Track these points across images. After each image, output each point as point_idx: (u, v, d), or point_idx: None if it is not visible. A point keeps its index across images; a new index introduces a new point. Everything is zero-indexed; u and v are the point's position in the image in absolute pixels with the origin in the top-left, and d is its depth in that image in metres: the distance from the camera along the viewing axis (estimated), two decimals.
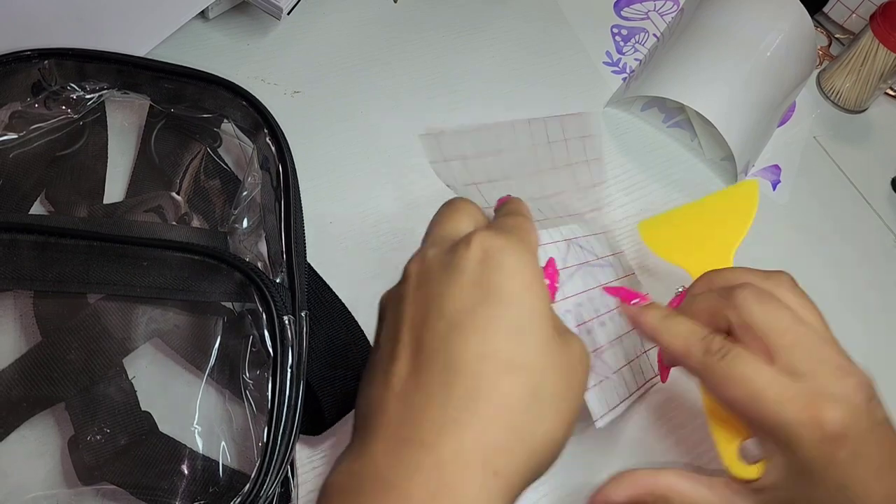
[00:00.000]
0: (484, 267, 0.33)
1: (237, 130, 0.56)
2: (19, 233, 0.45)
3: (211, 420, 0.45)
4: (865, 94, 0.78)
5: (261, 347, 0.45)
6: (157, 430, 0.44)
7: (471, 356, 0.32)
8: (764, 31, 0.68)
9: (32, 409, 0.44)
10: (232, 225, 0.51)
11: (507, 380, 0.32)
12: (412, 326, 0.33)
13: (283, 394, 0.42)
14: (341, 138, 0.62)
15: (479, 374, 0.31)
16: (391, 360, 0.33)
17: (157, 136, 0.55)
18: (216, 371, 0.46)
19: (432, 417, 0.31)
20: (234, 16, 0.67)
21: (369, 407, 0.33)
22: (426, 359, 0.32)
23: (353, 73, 0.67)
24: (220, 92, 0.54)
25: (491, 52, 0.72)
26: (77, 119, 0.54)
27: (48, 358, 0.45)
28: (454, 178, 0.51)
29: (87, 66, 0.54)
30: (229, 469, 0.44)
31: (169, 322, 0.47)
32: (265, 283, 0.45)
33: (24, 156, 0.52)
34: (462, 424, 0.31)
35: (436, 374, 0.32)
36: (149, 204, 0.52)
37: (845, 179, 0.75)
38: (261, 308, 0.45)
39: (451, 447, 0.30)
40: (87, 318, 0.46)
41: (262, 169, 0.53)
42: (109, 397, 0.44)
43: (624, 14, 0.81)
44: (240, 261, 0.46)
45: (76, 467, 0.42)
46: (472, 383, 0.31)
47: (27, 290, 0.46)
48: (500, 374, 0.32)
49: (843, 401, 0.38)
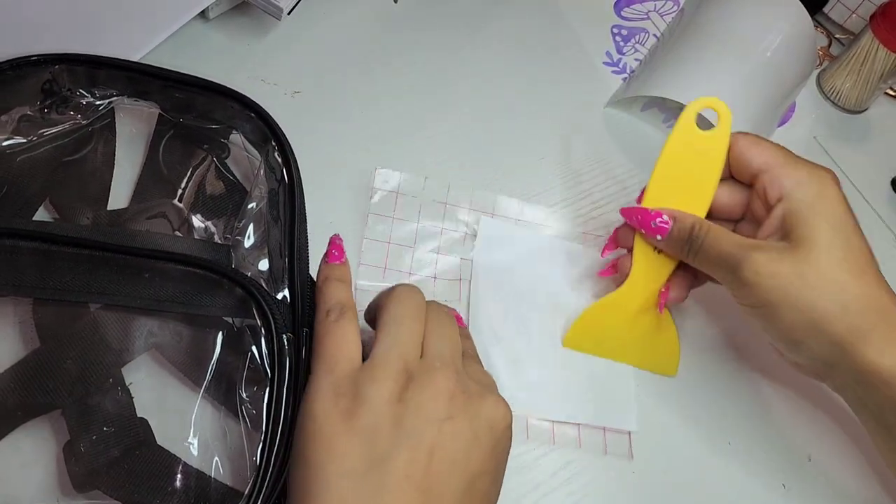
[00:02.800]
0: (500, 447, 0.39)
1: (245, 142, 0.54)
2: (21, 239, 0.43)
3: (206, 435, 0.43)
4: (865, 95, 0.77)
5: (259, 365, 0.43)
6: (153, 442, 0.43)
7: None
8: (764, 31, 0.66)
9: (28, 415, 0.42)
10: (236, 237, 0.50)
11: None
12: (438, 463, 0.36)
13: (279, 413, 0.40)
14: (341, 138, 0.60)
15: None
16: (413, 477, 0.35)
17: (166, 144, 0.53)
18: (213, 386, 0.44)
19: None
20: (234, 16, 0.65)
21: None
22: (443, 499, 0.35)
23: (353, 73, 0.65)
24: (229, 103, 0.52)
25: (491, 52, 0.70)
26: (86, 125, 0.52)
27: (46, 365, 0.43)
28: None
29: (98, 73, 0.52)
30: (222, 486, 0.42)
31: (168, 334, 0.45)
32: (266, 300, 0.43)
33: (31, 160, 0.50)
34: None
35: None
36: (153, 211, 0.50)
37: (845, 179, 0.73)
38: (261, 325, 0.43)
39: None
40: (87, 326, 0.44)
41: (268, 182, 0.51)
42: (106, 406, 0.43)
43: (624, 14, 0.79)
44: (242, 276, 0.44)
45: (71, 475, 0.41)
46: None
47: (27, 296, 0.45)
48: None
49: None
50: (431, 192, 0.58)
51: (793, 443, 0.54)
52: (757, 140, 0.48)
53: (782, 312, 0.44)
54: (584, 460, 0.51)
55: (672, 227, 0.49)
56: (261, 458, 0.40)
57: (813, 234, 0.44)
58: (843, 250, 0.44)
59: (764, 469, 0.53)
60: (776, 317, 0.44)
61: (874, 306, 0.43)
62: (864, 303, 0.43)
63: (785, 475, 0.53)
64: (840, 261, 0.43)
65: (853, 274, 0.43)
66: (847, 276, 0.43)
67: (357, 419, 0.36)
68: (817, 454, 0.54)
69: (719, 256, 0.46)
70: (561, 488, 0.49)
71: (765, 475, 0.53)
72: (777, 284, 0.44)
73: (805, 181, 0.46)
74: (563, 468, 0.50)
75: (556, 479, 0.49)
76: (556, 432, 0.51)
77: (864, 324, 0.43)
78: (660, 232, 0.49)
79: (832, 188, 0.46)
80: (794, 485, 0.52)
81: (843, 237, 0.44)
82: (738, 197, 0.50)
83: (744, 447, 0.53)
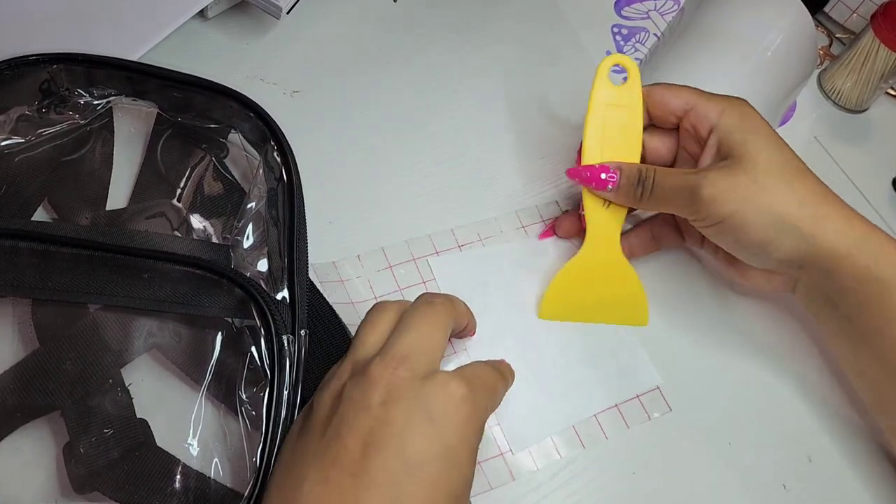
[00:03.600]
0: (451, 425, 0.37)
1: (244, 142, 0.55)
2: (21, 240, 0.44)
3: (205, 436, 0.43)
4: (866, 94, 0.77)
5: (258, 365, 0.43)
6: (153, 443, 0.43)
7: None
8: (764, 31, 0.66)
9: (28, 416, 0.43)
10: (235, 237, 0.50)
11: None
12: (377, 447, 0.36)
13: (279, 414, 0.41)
14: (341, 138, 0.60)
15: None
16: (350, 474, 0.35)
17: (164, 144, 0.54)
18: (212, 386, 0.44)
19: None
20: (233, 15, 0.65)
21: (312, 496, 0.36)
22: (378, 487, 0.35)
23: (352, 73, 0.65)
24: (228, 103, 0.53)
25: (491, 52, 0.70)
26: (84, 125, 0.53)
27: (45, 366, 0.43)
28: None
29: (96, 72, 0.53)
30: (221, 487, 0.42)
31: (167, 335, 0.46)
32: (266, 300, 0.43)
33: (29, 160, 0.51)
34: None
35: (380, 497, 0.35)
36: (151, 211, 0.50)
37: (846, 179, 0.73)
38: (260, 325, 0.43)
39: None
40: (86, 327, 0.44)
41: (267, 182, 0.51)
42: (105, 407, 0.43)
43: (624, 13, 0.79)
44: (241, 277, 0.45)
45: (70, 476, 0.41)
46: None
47: (26, 297, 0.45)
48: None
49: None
50: (372, 264, 0.56)
51: (793, 443, 0.54)
52: (670, 86, 0.53)
53: (748, 217, 0.48)
54: (585, 460, 0.51)
55: (620, 177, 0.52)
56: (260, 459, 0.40)
57: (752, 149, 0.49)
58: (780, 158, 0.49)
59: (764, 469, 0.53)
60: (743, 224, 0.48)
61: (822, 197, 0.49)
62: (814, 196, 0.48)
63: (785, 475, 0.53)
64: (782, 166, 0.48)
65: (797, 175, 0.49)
66: (793, 176, 0.49)
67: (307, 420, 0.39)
68: (817, 454, 0.54)
69: (673, 189, 0.50)
70: (561, 489, 0.49)
71: (765, 475, 0.53)
72: (736, 195, 0.48)
73: (727, 109, 0.50)
74: (563, 468, 0.50)
75: (557, 479, 0.50)
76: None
77: (820, 211, 0.48)
78: (609, 183, 0.52)
79: (752, 110, 0.51)
80: (794, 485, 0.53)
81: (776, 148, 0.49)
82: (666, 143, 0.55)
83: (744, 447, 0.53)
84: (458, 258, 0.57)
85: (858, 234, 0.48)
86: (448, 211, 0.59)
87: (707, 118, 0.51)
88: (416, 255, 0.56)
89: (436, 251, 0.57)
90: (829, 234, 0.48)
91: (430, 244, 0.57)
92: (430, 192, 0.60)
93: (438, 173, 0.61)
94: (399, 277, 0.55)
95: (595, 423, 0.52)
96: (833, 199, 0.49)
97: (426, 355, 0.40)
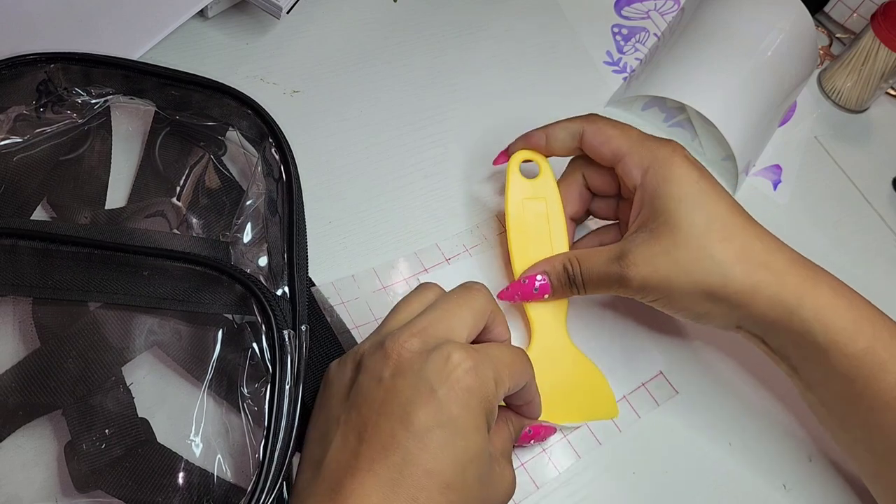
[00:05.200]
0: (453, 395, 0.38)
1: (242, 139, 0.55)
2: (20, 239, 0.44)
3: (208, 432, 0.44)
4: (866, 94, 0.77)
5: (259, 361, 0.44)
6: (155, 440, 0.44)
7: (420, 471, 0.37)
8: (765, 31, 0.67)
9: (29, 415, 0.43)
10: (234, 234, 0.50)
11: (440, 498, 0.37)
12: (385, 416, 0.38)
13: (281, 409, 0.41)
14: (341, 138, 0.61)
15: (421, 486, 0.37)
16: (360, 440, 0.38)
17: (162, 142, 0.54)
18: (214, 383, 0.45)
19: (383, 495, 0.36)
20: (233, 15, 0.65)
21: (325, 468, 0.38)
22: (388, 455, 0.37)
23: (352, 73, 0.65)
24: (225, 100, 0.53)
25: (491, 52, 0.71)
26: (82, 124, 0.53)
27: (46, 365, 0.44)
28: None
29: (93, 71, 0.53)
30: (225, 483, 0.43)
31: (168, 332, 0.46)
32: (266, 296, 0.44)
33: (28, 160, 0.51)
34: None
35: (391, 470, 0.37)
36: (150, 210, 0.51)
37: (846, 179, 0.74)
38: (261, 321, 0.44)
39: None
40: (87, 325, 0.45)
41: (266, 179, 0.52)
42: (107, 406, 0.43)
43: (624, 13, 0.80)
44: (241, 273, 0.45)
45: (72, 475, 0.41)
46: (414, 493, 0.37)
47: (27, 296, 0.45)
48: (436, 492, 0.37)
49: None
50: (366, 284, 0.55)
51: (793, 443, 0.55)
52: (600, 129, 0.52)
53: (676, 297, 0.48)
54: (586, 460, 0.51)
55: (550, 279, 0.52)
56: (263, 454, 0.41)
57: (671, 218, 0.47)
58: (703, 224, 0.47)
59: (764, 469, 0.53)
60: (675, 302, 0.49)
61: (755, 260, 0.47)
62: (743, 264, 0.46)
63: (785, 475, 0.54)
64: (703, 235, 0.47)
65: (721, 241, 0.47)
66: (716, 246, 0.47)
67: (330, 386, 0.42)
68: (817, 454, 0.55)
69: (601, 278, 0.50)
70: (562, 489, 0.50)
71: (765, 475, 0.53)
72: (661, 277, 0.47)
73: (653, 167, 0.49)
74: (564, 468, 0.50)
75: (558, 479, 0.50)
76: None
77: (748, 282, 0.46)
78: (544, 292, 0.52)
79: (679, 167, 0.49)
80: (795, 485, 0.53)
81: (700, 211, 0.47)
82: (609, 175, 0.53)
83: (744, 447, 0.54)
84: (448, 272, 0.57)
85: (792, 300, 0.46)
86: (448, 210, 0.60)
87: (631, 175, 0.50)
88: (405, 274, 0.56)
89: (424, 269, 0.56)
90: (760, 304, 0.46)
91: (418, 261, 0.57)
92: (430, 192, 0.60)
93: (438, 173, 0.61)
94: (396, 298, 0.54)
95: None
96: (765, 256, 0.47)
97: (444, 331, 0.41)
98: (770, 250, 0.47)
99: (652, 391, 0.55)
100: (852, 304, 0.47)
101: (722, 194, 0.48)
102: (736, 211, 0.48)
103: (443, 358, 0.39)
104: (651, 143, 0.50)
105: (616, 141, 0.51)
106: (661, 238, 0.47)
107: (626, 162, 0.50)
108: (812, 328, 0.46)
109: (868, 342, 0.45)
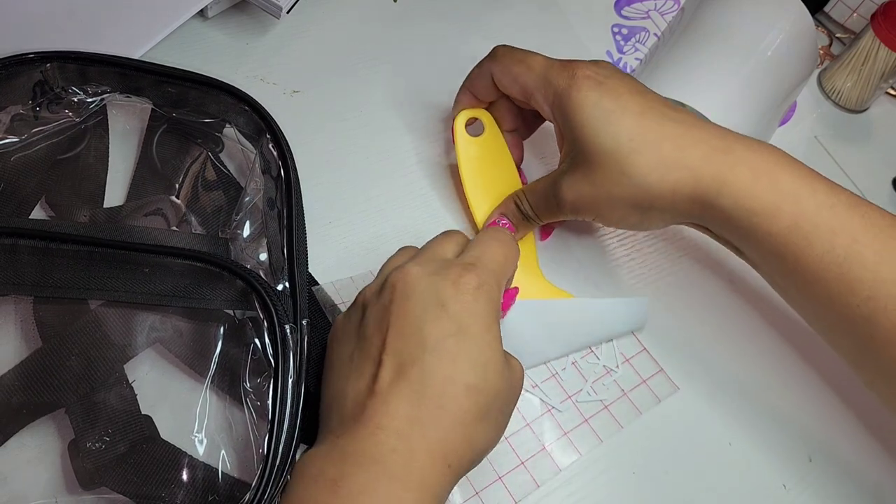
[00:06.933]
0: (459, 305, 0.41)
1: (239, 136, 0.56)
2: (20, 238, 0.45)
3: (211, 428, 0.45)
4: (866, 94, 0.78)
5: (261, 356, 0.45)
6: (158, 437, 0.44)
7: (440, 378, 0.39)
8: (765, 31, 0.67)
9: (33, 414, 0.44)
10: (234, 231, 0.51)
11: (466, 400, 0.40)
12: (397, 336, 0.41)
13: (284, 403, 0.42)
14: (341, 138, 0.62)
15: (444, 393, 0.39)
16: (376, 364, 0.40)
17: (159, 140, 0.55)
18: (217, 378, 0.46)
19: (407, 415, 0.39)
20: (233, 14, 0.66)
21: (345, 400, 0.41)
22: (406, 372, 0.40)
23: (352, 73, 0.66)
24: (222, 96, 0.54)
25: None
26: (79, 122, 0.54)
27: (49, 364, 0.44)
28: None
29: (90, 70, 0.54)
30: (229, 478, 0.43)
31: (170, 328, 0.47)
32: (267, 291, 0.45)
33: (25, 159, 0.52)
34: (429, 427, 0.39)
35: (413, 384, 0.39)
36: (149, 208, 0.52)
37: (846, 179, 0.74)
38: (262, 316, 0.45)
39: (420, 442, 0.38)
40: (88, 323, 0.46)
41: (264, 175, 0.53)
42: (110, 403, 0.44)
43: (624, 13, 0.81)
44: (241, 268, 0.46)
45: (77, 473, 0.42)
46: (439, 400, 0.39)
47: (27, 295, 0.46)
48: (461, 395, 0.40)
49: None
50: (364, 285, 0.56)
51: (793, 443, 0.56)
52: (506, 69, 0.54)
53: (607, 215, 0.51)
54: (586, 460, 0.52)
55: (511, 221, 0.56)
56: (267, 448, 0.42)
57: (583, 145, 0.49)
58: (610, 144, 0.48)
59: (764, 469, 0.54)
60: (608, 219, 0.52)
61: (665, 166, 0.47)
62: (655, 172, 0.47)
63: (785, 475, 0.54)
64: (612, 154, 0.48)
65: (630, 154, 0.48)
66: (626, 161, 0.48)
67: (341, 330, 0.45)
68: (817, 454, 0.55)
69: (546, 206, 0.54)
70: (562, 488, 0.50)
71: (765, 475, 0.54)
72: (587, 200, 0.50)
73: (555, 100, 0.51)
74: (564, 468, 0.51)
75: (558, 479, 0.51)
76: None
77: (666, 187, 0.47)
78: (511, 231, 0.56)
79: (577, 92, 0.49)
80: (795, 485, 0.54)
81: (604, 133, 0.48)
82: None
83: (744, 447, 0.55)
84: None
85: (711, 192, 0.47)
86: (448, 210, 0.61)
87: (544, 111, 0.53)
88: None
89: None
90: (683, 203, 0.48)
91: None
92: (431, 192, 0.61)
93: (437, 173, 0.62)
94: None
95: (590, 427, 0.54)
96: (677, 155, 0.47)
97: (439, 254, 0.45)
98: (682, 147, 0.48)
99: (653, 387, 0.55)
100: (774, 185, 0.47)
101: (626, 106, 0.49)
102: (643, 114, 0.49)
103: (447, 275, 0.42)
104: (553, 74, 0.51)
105: (522, 78, 0.53)
106: (580, 165, 0.50)
107: (535, 98, 0.53)
108: (734, 215, 0.47)
109: (791, 219, 0.46)
